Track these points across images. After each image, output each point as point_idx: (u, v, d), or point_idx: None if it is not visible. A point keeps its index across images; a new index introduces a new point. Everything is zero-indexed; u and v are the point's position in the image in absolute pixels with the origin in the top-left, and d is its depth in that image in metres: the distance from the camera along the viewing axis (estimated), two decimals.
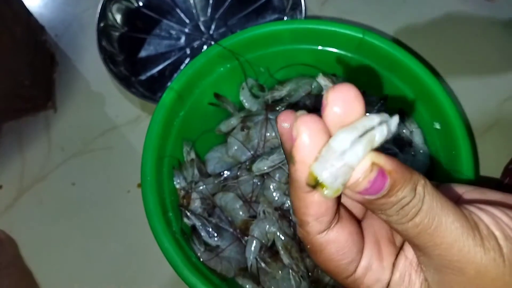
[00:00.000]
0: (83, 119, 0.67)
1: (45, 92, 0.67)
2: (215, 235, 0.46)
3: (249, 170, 0.48)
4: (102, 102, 0.67)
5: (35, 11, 0.73)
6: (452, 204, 0.21)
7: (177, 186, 0.48)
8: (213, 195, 0.49)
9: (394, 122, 0.19)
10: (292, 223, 0.47)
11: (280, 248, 0.46)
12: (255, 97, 0.54)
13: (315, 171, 0.19)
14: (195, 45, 0.67)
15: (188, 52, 0.67)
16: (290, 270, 0.45)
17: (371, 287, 0.23)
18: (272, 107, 0.53)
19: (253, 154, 0.50)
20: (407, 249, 0.24)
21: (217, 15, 0.69)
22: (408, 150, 0.50)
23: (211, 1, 0.70)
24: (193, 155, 0.50)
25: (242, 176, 0.49)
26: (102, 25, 0.64)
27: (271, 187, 0.48)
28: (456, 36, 0.67)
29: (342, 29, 0.49)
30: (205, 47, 0.67)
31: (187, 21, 0.69)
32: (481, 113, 0.60)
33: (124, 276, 0.57)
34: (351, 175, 0.19)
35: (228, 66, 0.51)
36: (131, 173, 0.60)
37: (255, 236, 0.46)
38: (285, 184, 0.47)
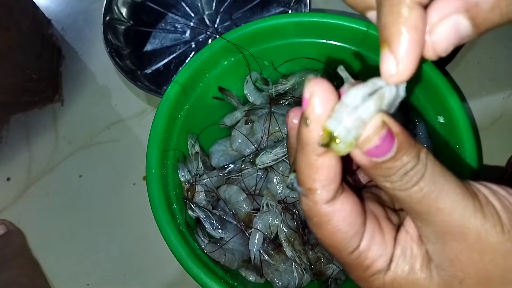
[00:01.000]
0: (90, 112, 0.67)
1: (52, 85, 0.68)
2: (219, 227, 0.47)
3: (253, 163, 0.49)
4: (108, 95, 0.68)
5: (42, 4, 0.74)
6: (452, 173, 0.21)
7: (182, 178, 0.48)
8: (217, 188, 0.50)
9: (402, 86, 0.21)
10: (295, 215, 0.47)
11: (283, 240, 0.46)
12: (259, 90, 0.54)
13: (329, 126, 0.20)
14: (200, 39, 0.68)
15: (193, 45, 0.67)
16: (293, 262, 0.46)
17: (375, 262, 0.23)
18: (276, 100, 0.53)
19: (257, 147, 0.50)
20: (408, 224, 0.24)
21: (222, 9, 0.69)
22: None
23: None
24: (197, 148, 0.50)
25: (246, 169, 0.49)
26: (108, 18, 0.65)
27: (275, 180, 0.48)
28: None
29: (346, 22, 0.49)
30: (210, 40, 0.67)
31: (192, 14, 0.69)
32: (485, 107, 0.60)
33: (129, 266, 0.58)
34: (363, 130, 0.20)
35: (232, 59, 0.51)
36: (137, 166, 0.61)
37: (259, 228, 0.46)
38: (288, 177, 0.47)
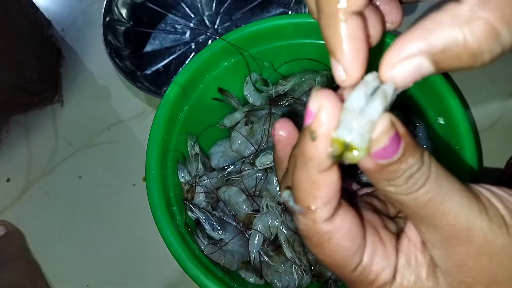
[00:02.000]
0: (89, 113, 0.67)
1: (52, 86, 0.68)
2: (219, 228, 0.47)
3: (253, 164, 0.49)
4: (108, 96, 0.68)
5: (42, 5, 0.74)
6: (453, 176, 0.21)
7: (181, 180, 0.48)
8: (217, 189, 0.50)
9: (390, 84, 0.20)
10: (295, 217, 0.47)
11: (283, 242, 0.46)
12: (259, 91, 0.54)
13: (341, 136, 0.19)
14: (200, 40, 0.68)
15: (193, 46, 0.67)
16: (292, 263, 0.46)
17: (380, 275, 0.22)
18: (276, 101, 0.53)
19: (256, 148, 0.50)
20: (409, 231, 0.23)
21: (222, 10, 0.69)
22: None
23: None
24: (197, 149, 0.50)
25: (245, 170, 0.49)
26: (107, 19, 0.65)
27: (275, 182, 0.48)
28: None
29: None
30: (210, 41, 0.67)
31: (192, 15, 0.69)
32: (485, 108, 0.60)
33: (129, 267, 0.58)
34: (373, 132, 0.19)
35: (232, 60, 0.51)
36: (137, 167, 0.61)
37: (258, 229, 0.46)
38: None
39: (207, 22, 0.69)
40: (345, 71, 0.21)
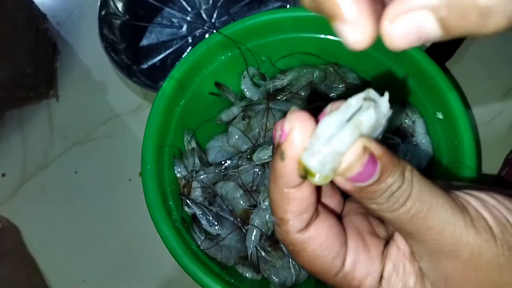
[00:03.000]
0: (85, 107, 0.67)
1: (47, 80, 0.67)
2: (216, 223, 0.46)
3: (250, 159, 0.48)
4: (103, 91, 0.67)
5: None
6: (439, 188, 0.21)
7: (178, 175, 0.48)
8: (214, 184, 0.49)
9: (384, 102, 0.19)
10: None
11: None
12: (257, 86, 0.54)
13: (303, 159, 0.19)
14: (197, 34, 0.67)
15: (190, 40, 0.67)
16: (290, 259, 0.46)
17: (364, 281, 0.22)
18: (273, 96, 0.53)
19: (254, 143, 0.50)
20: (398, 240, 0.23)
21: (219, 3, 0.68)
22: (410, 140, 0.49)
23: None
24: (193, 144, 0.50)
25: (242, 165, 0.49)
26: (103, 13, 0.64)
27: None
28: None
29: None
30: (207, 35, 0.66)
31: (189, 9, 0.69)
32: (484, 103, 0.60)
33: (125, 262, 0.57)
34: (340, 161, 0.19)
35: (229, 54, 0.51)
36: (133, 162, 0.60)
37: (255, 225, 0.46)
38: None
39: (204, 16, 0.68)
40: (355, 28, 0.17)
